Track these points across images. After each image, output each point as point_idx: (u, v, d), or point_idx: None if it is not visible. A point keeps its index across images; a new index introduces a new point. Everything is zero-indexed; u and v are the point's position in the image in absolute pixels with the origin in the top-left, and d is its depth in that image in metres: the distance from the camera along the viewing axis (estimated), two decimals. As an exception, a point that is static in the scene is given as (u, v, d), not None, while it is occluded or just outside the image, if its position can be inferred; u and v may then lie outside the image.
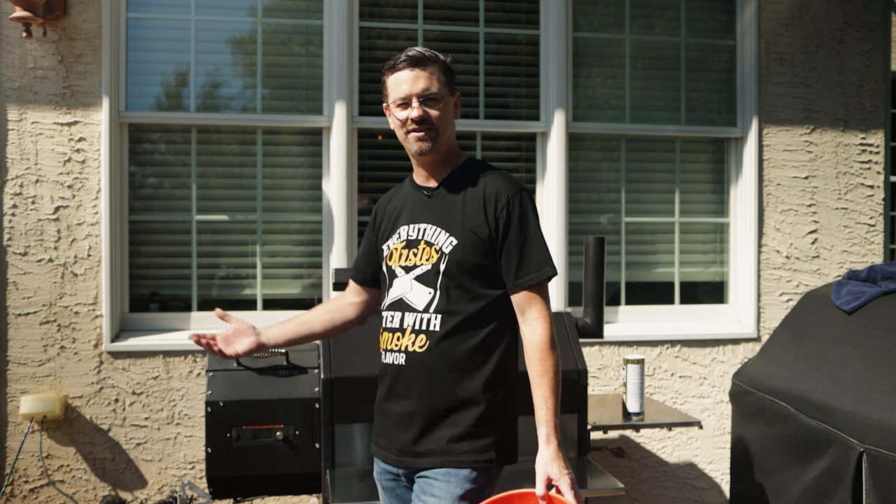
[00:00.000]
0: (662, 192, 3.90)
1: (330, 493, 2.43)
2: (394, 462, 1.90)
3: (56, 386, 3.28)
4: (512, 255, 1.83)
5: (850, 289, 2.67)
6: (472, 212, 1.86)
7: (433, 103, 1.87)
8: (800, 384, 2.55)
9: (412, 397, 1.86)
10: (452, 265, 1.84)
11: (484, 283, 1.85)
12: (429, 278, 1.87)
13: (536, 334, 1.81)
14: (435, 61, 1.89)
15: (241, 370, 2.71)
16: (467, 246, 1.84)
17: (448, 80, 1.91)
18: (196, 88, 3.49)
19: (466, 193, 1.89)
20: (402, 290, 1.90)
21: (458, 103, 1.96)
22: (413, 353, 1.86)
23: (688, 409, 3.74)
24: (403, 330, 1.88)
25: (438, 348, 1.83)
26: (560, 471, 1.72)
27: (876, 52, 3.93)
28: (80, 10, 3.27)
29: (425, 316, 1.85)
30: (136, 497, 3.34)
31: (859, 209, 3.91)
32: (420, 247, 1.90)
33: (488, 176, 1.91)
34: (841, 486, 2.22)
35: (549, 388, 1.78)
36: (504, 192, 1.85)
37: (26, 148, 3.26)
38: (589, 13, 3.80)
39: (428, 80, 1.87)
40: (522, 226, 1.84)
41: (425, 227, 1.91)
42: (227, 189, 3.54)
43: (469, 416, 1.83)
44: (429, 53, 1.90)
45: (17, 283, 3.26)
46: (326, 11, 3.52)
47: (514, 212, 1.84)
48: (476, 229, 1.84)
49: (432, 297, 1.85)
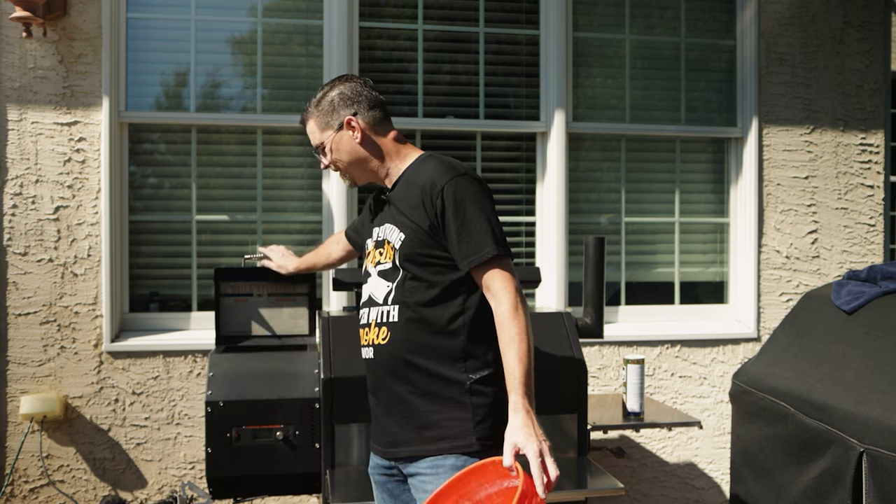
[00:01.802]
0: (662, 192, 3.90)
1: (330, 493, 2.43)
2: (382, 454, 1.96)
3: (56, 386, 3.28)
4: (452, 239, 1.87)
5: (850, 289, 2.67)
6: (413, 205, 1.91)
7: (322, 153, 2.05)
8: (800, 384, 2.55)
9: (383, 389, 1.94)
10: (403, 258, 1.91)
11: (437, 271, 1.90)
12: (388, 273, 1.95)
13: (501, 305, 1.82)
14: (309, 116, 2.04)
15: (243, 366, 2.71)
16: (413, 238, 1.90)
17: (326, 122, 2.01)
18: (196, 88, 3.49)
19: (410, 189, 1.95)
20: (370, 288, 2.00)
21: (353, 125, 1.99)
22: (378, 346, 1.94)
23: (688, 409, 3.74)
24: (370, 324, 1.97)
25: (399, 338, 1.89)
26: (526, 438, 1.66)
27: (876, 52, 3.93)
28: (80, 10, 3.27)
29: (384, 308, 1.93)
30: (136, 497, 3.34)
31: (859, 209, 3.91)
32: (385, 246, 1.98)
33: (427, 167, 1.95)
34: (841, 486, 2.22)
35: (515, 355, 1.76)
36: (439, 181, 1.88)
37: (26, 148, 3.26)
38: (589, 13, 3.80)
39: (311, 135, 2.06)
40: (457, 211, 1.86)
41: (386, 226, 1.99)
42: (227, 189, 3.54)
43: (440, 402, 1.86)
44: (306, 109, 2.05)
45: (17, 283, 3.26)
46: (326, 11, 3.52)
47: (448, 198, 1.86)
48: (418, 221, 1.90)
49: (389, 290, 1.93)
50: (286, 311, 3.02)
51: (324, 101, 2.02)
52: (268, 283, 2.94)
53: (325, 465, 2.58)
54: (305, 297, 3.00)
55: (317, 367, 2.68)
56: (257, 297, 2.98)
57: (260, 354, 2.80)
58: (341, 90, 2.03)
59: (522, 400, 1.72)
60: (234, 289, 2.95)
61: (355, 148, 2.01)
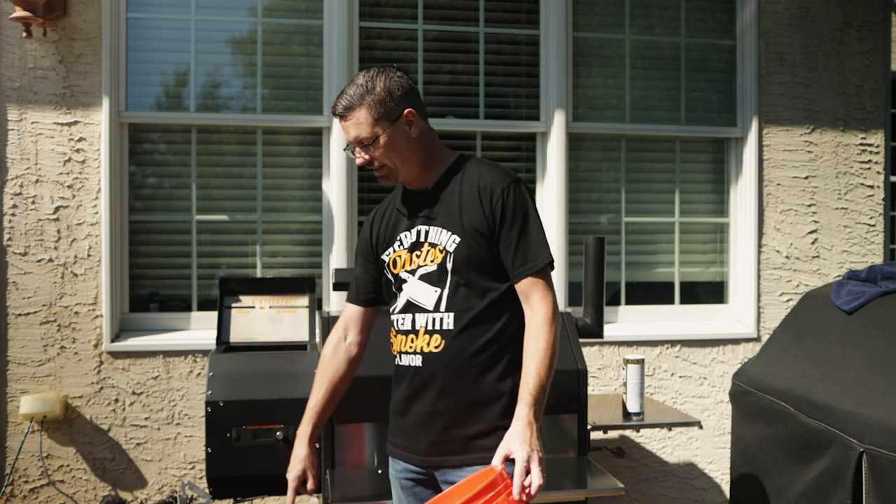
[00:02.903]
0: (662, 192, 3.90)
1: (330, 493, 2.43)
2: (418, 462, 1.90)
3: (56, 386, 3.28)
4: (510, 245, 1.83)
5: (850, 289, 2.67)
6: (470, 207, 1.85)
7: (370, 147, 1.86)
8: (800, 384, 2.55)
9: (432, 397, 1.86)
10: (459, 262, 1.84)
11: (491, 277, 1.85)
12: (434, 278, 1.87)
13: (536, 316, 1.80)
14: (360, 103, 1.84)
15: (244, 369, 2.71)
16: (470, 242, 1.84)
17: (384, 113, 1.85)
18: (196, 88, 3.49)
19: (462, 190, 1.88)
20: (409, 293, 1.91)
21: (411, 119, 1.88)
22: (429, 354, 1.86)
23: (688, 409, 3.74)
24: (416, 331, 1.88)
25: (454, 346, 1.83)
26: (519, 444, 1.65)
27: (876, 52, 3.93)
28: (80, 10, 3.27)
29: (437, 315, 1.85)
30: (136, 497, 3.34)
31: (859, 209, 3.91)
32: (424, 249, 1.90)
33: (481, 169, 1.91)
34: (841, 486, 2.22)
35: (535, 368, 1.75)
36: (498, 184, 1.85)
37: (26, 148, 3.26)
38: (589, 13, 3.80)
39: (356, 127, 1.85)
40: (517, 216, 1.83)
41: (426, 228, 1.90)
42: (227, 189, 3.54)
43: (492, 411, 1.82)
44: (355, 95, 1.84)
45: (17, 283, 3.26)
46: (326, 11, 3.52)
47: (509, 202, 1.83)
48: (476, 224, 1.84)
49: (440, 296, 1.85)
50: (287, 321, 3.04)
51: (377, 89, 1.85)
52: (270, 296, 2.97)
53: (325, 465, 2.58)
54: (306, 308, 3.05)
55: (317, 367, 2.68)
56: (259, 309, 3.02)
57: (260, 354, 2.80)
58: (394, 79, 1.88)
59: (528, 411, 1.70)
60: (238, 301, 3.00)
61: (410, 143, 1.90)
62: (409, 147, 1.90)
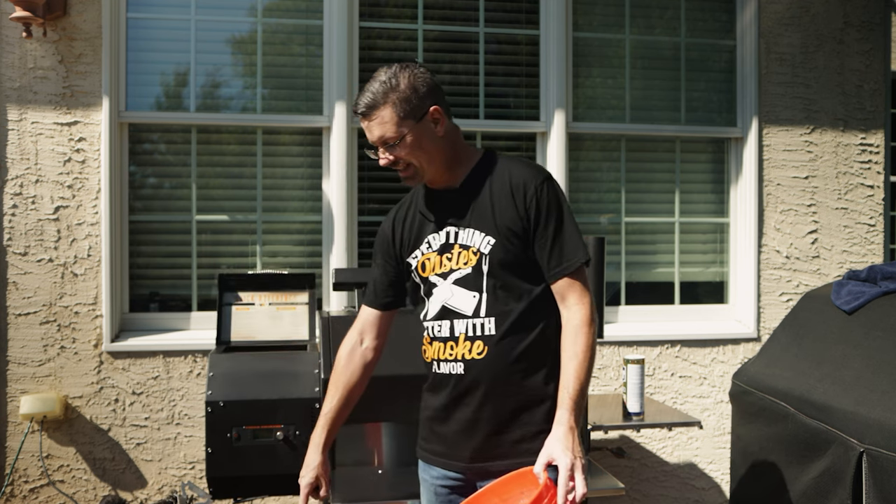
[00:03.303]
0: (662, 192, 3.90)
1: (330, 493, 2.43)
2: (461, 469, 1.85)
3: (56, 386, 3.28)
4: (545, 245, 1.78)
5: (850, 289, 2.67)
6: (503, 206, 1.79)
7: (395, 147, 1.78)
8: (800, 384, 2.55)
9: (476, 404, 1.81)
10: (495, 264, 1.78)
11: (527, 278, 1.80)
12: (470, 281, 1.81)
13: (574, 318, 1.76)
14: (384, 101, 1.76)
15: (243, 368, 2.71)
16: (505, 243, 1.78)
17: (409, 111, 1.77)
18: (196, 88, 3.49)
19: (492, 189, 1.82)
20: (443, 298, 1.84)
21: (437, 117, 1.81)
22: (472, 361, 1.80)
23: (688, 409, 3.74)
24: (456, 338, 1.82)
25: (497, 351, 1.78)
26: (562, 451, 1.62)
27: (876, 52, 3.93)
28: (80, 10, 3.27)
29: (477, 321, 1.80)
30: (136, 497, 3.34)
31: (859, 209, 3.91)
32: (455, 251, 1.83)
33: (511, 167, 1.84)
34: (841, 486, 2.22)
35: (574, 370, 1.71)
36: (531, 182, 1.79)
37: (26, 148, 3.26)
38: (589, 13, 3.80)
39: (380, 127, 1.77)
40: (551, 214, 1.78)
41: (456, 230, 1.84)
42: (227, 189, 3.54)
43: (537, 415, 1.78)
44: (378, 92, 1.76)
45: (17, 283, 3.26)
46: (326, 11, 3.52)
47: (543, 200, 1.78)
48: (510, 224, 1.78)
49: (479, 301, 1.80)
50: (287, 318, 3.04)
51: (401, 86, 1.77)
52: (270, 292, 2.97)
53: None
54: (306, 305, 3.04)
55: (317, 367, 2.68)
56: (259, 306, 3.02)
57: (260, 354, 2.80)
58: (418, 76, 1.80)
59: (569, 416, 1.67)
60: (237, 298, 2.99)
61: (436, 141, 1.83)
62: (435, 146, 1.82)
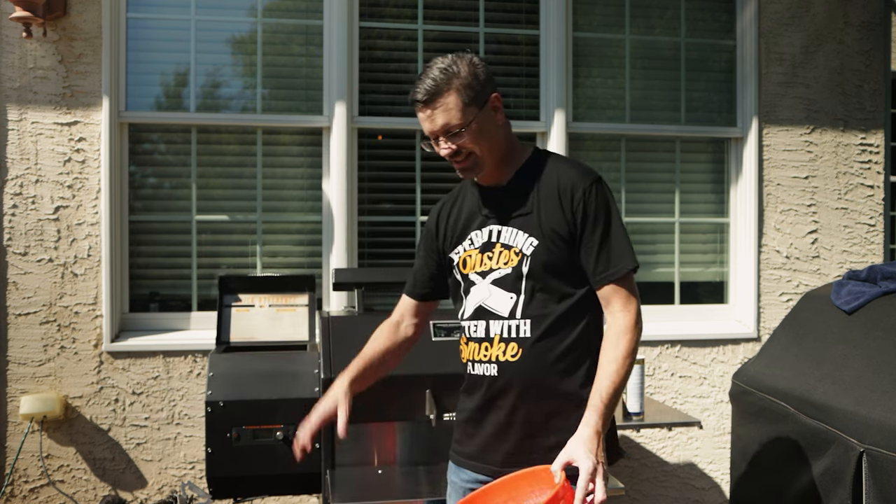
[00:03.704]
0: (662, 192, 3.89)
1: (330, 493, 2.43)
2: (493, 472, 1.80)
3: (56, 386, 3.28)
4: (591, 249, 1.74)
5: (850, 289, 2.67)
6: (549, 208, 1.75)
7: (458, 136, 1.72)
8: (800, 384, 2.55)
9: (509, 407, 1.79)
10: (537, 266, 1.74)
11: (569, 282, 1.76)
12: (509, 282, 1.77)
13: (617, 324, 1.72)
14: (447, 87, 1.70)
15: (243, 369, 2.71)
16: (549, 245, 1.74)
17: (473, 97, 1.72)
18: (196, 88, 3.49)
19: (539, 189, 1.78)
20: (481, 297, 1.82)
21: (497, 104, 1.77)
22: (506, 363, 1.77)
23: (688, 409, 3.74)
24: (491, 339, 1.80)
25: (531, 355, 1.75)
26: (586, 454, 1.55)
27: (876, 52, 3.93)
28: (80, 10, 3.27)
29: (512, 322, 1.77)
30: (136, 497, 3.34)
31: (859, 209, 3.91)
32: (496, 250, 1.80)
33: (560, 167, 1.80)
34: (841, 486, 2.22)
35: (610, 375, 1.66)
36: (580, 184, 1.74)
37: (26, 148, 3.26)
38: (589, 13, 3.80)
39: (445, 114, 1.71)
40: (599, 218, 1.74)
41: (499, 228, 1.81)
42: (227, 189, 3.54)
43: (573, 419, 1.71)
44: (440, 79, 1.71)
45: (17, 283, 3.26)
46: (326, 11, 3.52)
47: (591, 203, 1.73)
48: (555, 226, 1.74)
49: (516, 302, 1.76)
50: (287, 319, 3.04)
51: (462, 73, 1.71)
52: (270, 294, 2.98)
53: (325, 465, 2.58)
54: (306, 307, 3.05)
55: (317, 367, 2.68)
56: (259, 307, 3.02)
57: (260, 354, 2.80)
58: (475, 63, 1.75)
59: (598, 419, 1.62)
60: (237, 300, 3.00)
61: (497, 131, 1.78)
62: (496, 135, 1.78)
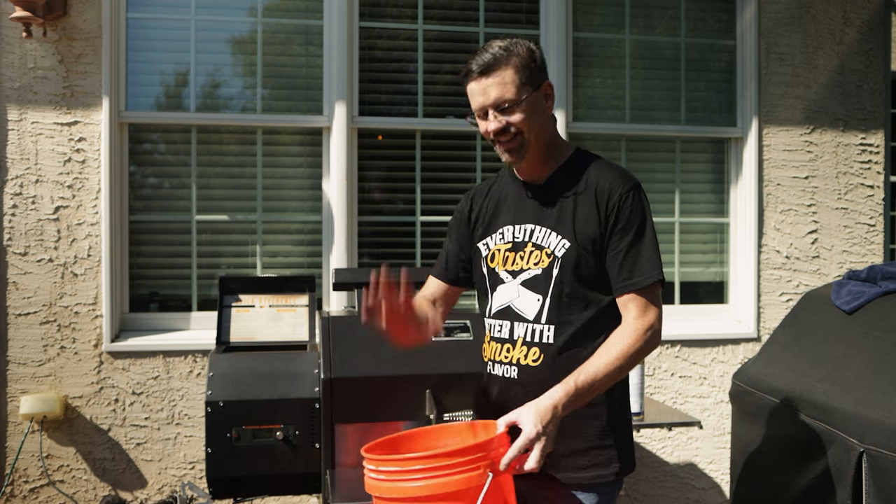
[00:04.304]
0: (662, 192, 3.89)
1: (330, 493, 2.43)
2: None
3: (56, 386, 3.28)
4: (618, 255, 1.71)
5: (850, 289, 2.67)
6: (585, 211, 1.73)
7: (510, 111, 1.71)
8: (800, 384, 2.55)
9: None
10: (567, 270, 1.72)
11: (597, 289, 1.74)
12: (538, 284, 1.75)
13: (629, 326, 1.69)
14: (506, 62, 1.69)
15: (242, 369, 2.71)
16: (581, 250, 1.71)
17: (529, 77, 1.71)
18: (196, 88, 3.49)
19: (577, 191, 1.75)
20: (509, 297, 1.79)
21: (549, 92, 1.76)
22: (526, 367, 1.75)
23: (688, 409, 3.74)
24: (514, 341, 1.78)
25: (553, 361, 1.73)
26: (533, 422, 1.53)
27: (876, 52, 3.93)
28: (80, 10, 3.27)
29: (537, 327, 1.74)
30: (136, 497, 3.34)
31: (859, 209, 3.91)
32: (527, 249, 1.78)
33: (600, 170, 1.77)
34: (841, 486, 2.22)
35: (598, 364, 1.63)
36: (617, 188, 1.72)
37: (26, 148, 3.26)
38: (589, 13, 3.80)
39: (500, 87, 1.69)
40: (631, 225, 1.71)
41: (532, 227, 1.78)
42: (227, 189, 3.54)
43: (589, 429, 1.72)
44: (498, 54, 1.70)
45: (17, 283, 3.26)
46: (326, 11, 3.52)
47: (625, 209, 1.71)
48: (589, 230, 1.72)
49: (542, 305, 1.74)
50: (287, 320, 3.05)
51: (522, 52, 1.70)
52: (270, 294, 2.98)
53: (325, 465, 2.58)
54: (306, 307, 3.05)
55: (317, 367, 2.68)
56: (259, 308, 3.03)
57: (260, 354, 2.80)
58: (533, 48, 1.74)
59: (563, 396, 1.58)
60: (238, 300, 3.00)
61: (545, 119, 1.76)
62: (544, 122, 1.76)
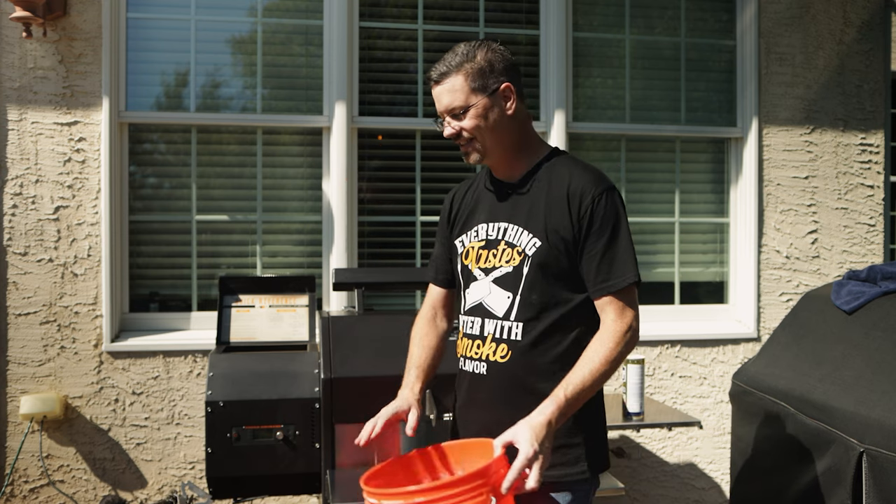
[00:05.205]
0: (662, 192, 3.90)
1: (330, 493, 2.43)
2: None
3: (56, 386, 3.28)
4: (593, 257, 1.72)
5: (850, 289, 2.67)
6: (556, 211, 1.74)
7: (461, 117, 1.76)
8: (800, 384, 2.55)
9: (494, 408, 1.77)
10: (536, 268, 1.73)
11: (567, 287, 1.75)
12: (508, 282, 1.77)
13: (609, 328, 1.70)
14: (457, 69, 1.75)
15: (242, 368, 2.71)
16: (551, 248, 1.73)
17: (482, 83, 1.75)
18: (196, 88, 3.49)
19: (550, 191, 1.77)
20: (481, 294, 1.81)
21: (508, 94, 1.77)
22: (494, 363, 1.77)
23: (688, 409, 3.74)
24: (484, 338, 1.80)
25: (521, 358, 1.75)
26: (529, 441, 1.53)
27: (876, 52, 3.93)
28: (80, 10, 3.27)
29: (506, 324, 1.76)
30: (136, 497, 3.34)
31: (859, 209, 3.91)
32: (500, 247, 1.80)
33: (573, 171, 1.78)
34: (841, 486, 2.22)
35: (582, 373, 1.64)
36: (589, 191, 1.73)
37: (26, 148, 3.26)
38: (589, 13, 3.80)
39: (450, 94, 1.75)
40: (605, 226, 1.72)
41: (506, 226, 1.80)
42: (227, 189, 3.54)
43: (559, 428, 1.68)
44: (452, 61, 1.76)
45: (17, 283, 3.26)
46: (326, 11, 3.52)
47: (598, 212, 1.72)
48: (560, 230, 1.73)
49: (511, 303, 1.76)
50: (287, 320, 3.05)
51: (477, 58, 1.75)
52: (270, 294, 2.99)
53: (325, 465, 2.58)
54: (306, 307, 3.05)
55: (317, 367, 2.68)
56: (259, 308, 3.03)
57: (260, 354, 2.80)
58: (496, 52, 1.78)
59: (555, 410, 1.60)
60: (238, 300, 3.01)
61: (504, 120, 1.78)
62: (501, 124, 1.78)
